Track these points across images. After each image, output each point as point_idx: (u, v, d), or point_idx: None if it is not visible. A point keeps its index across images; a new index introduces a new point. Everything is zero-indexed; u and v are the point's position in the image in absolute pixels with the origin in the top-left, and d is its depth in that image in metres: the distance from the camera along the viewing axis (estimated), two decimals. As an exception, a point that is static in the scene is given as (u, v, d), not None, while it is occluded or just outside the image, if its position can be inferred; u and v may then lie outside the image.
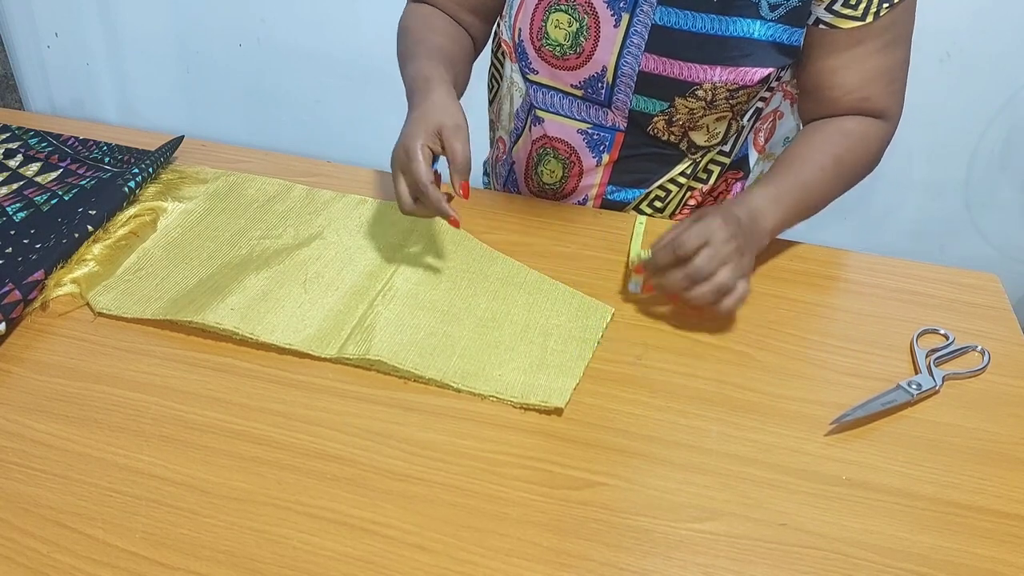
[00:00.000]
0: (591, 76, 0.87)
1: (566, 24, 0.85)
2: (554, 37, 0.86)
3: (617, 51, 0.84)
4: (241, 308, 0.76)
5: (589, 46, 0.85)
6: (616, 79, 0.86)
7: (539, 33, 0.87)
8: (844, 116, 0.87)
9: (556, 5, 0.85)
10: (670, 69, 0.83)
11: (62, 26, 1.97)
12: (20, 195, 0.91)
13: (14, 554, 0.57)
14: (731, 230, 0.75)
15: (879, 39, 0.82)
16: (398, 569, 0.57)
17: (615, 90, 0.87)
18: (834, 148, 0.85)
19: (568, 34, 0.85)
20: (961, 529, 0.61)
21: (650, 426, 0.68)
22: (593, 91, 0.88)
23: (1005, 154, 1.64)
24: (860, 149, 0.86)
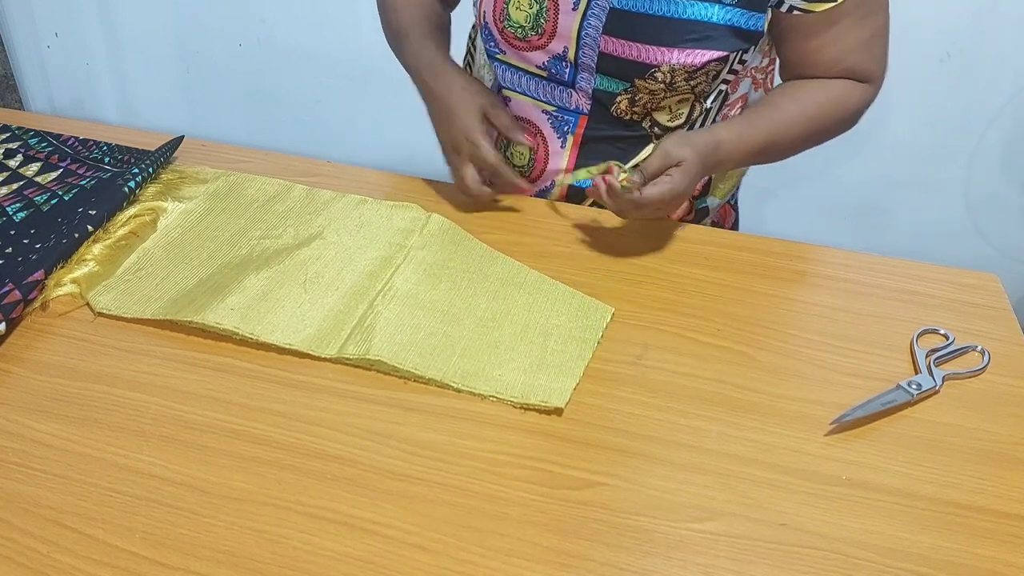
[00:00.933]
0: (554, 56, 0.89)
1: (527, 6, 0.87)
2: (516, 19, 0.88)
3: (576, 34, 0.86)
4: (241, 308, 0.76)
5: (549, 28, 0.87)
6: (578, 60, 0.88)
7: (501, 15, 0.89)
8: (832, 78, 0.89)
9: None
10: (628, 51, 0.85)
11: (62, 26, 1.97)
12: (20, 195, 0.91)
13: (14, 554, 0.57)
14: (689, 185, 0.81)
15: (854, 14, 0.83)
16: (398, 569, 0.57)
17: (578, 71, 0.89)
18: (811, 108, 0.88)
19: (529, 16, 0.87)
20: (961, 529, 0.61)
21: (650, 426, 0.68)
22: (557, 71, 0.90)
23: (1005, 154, 1.64)
24: (837, 110, 0.89)
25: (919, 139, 1.65)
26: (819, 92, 0.88)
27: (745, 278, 0.84)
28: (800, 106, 0.88)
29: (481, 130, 0.87)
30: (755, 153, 0.87)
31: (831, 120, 0.89)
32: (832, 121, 0.89)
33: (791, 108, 0.87)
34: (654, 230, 0.91)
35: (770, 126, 0.87)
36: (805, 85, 0.89)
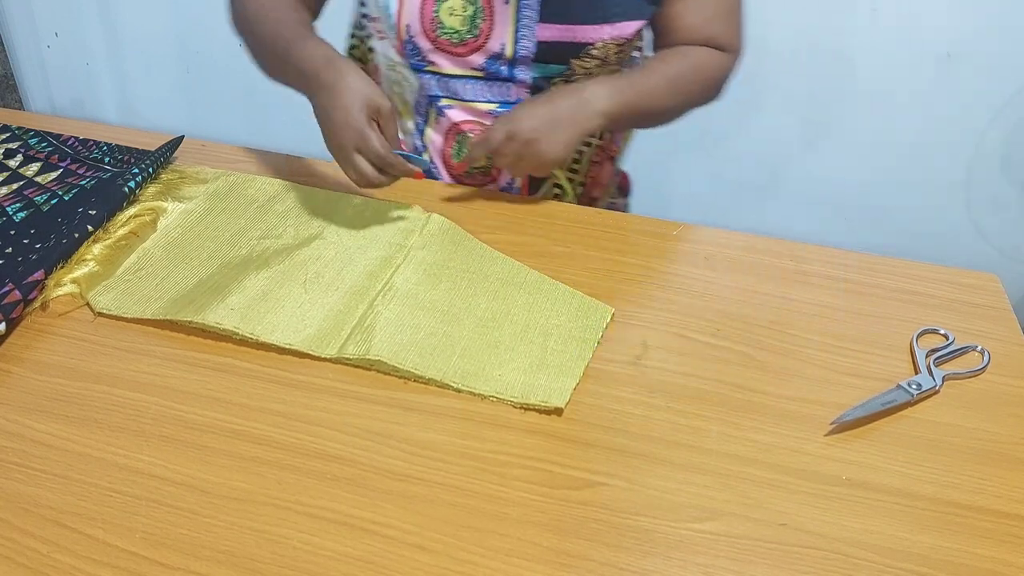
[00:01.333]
0: (492, 55, 0.90)
1: (461, 9, 0.87)
2: (450, 25, 0.88)
3: (513, 27, 0.87)
4: (241, 308, 0.76)
5: (486, 27, 0.88)
6: (516, 54, 0.89)
7: (433, 24, 0.89)
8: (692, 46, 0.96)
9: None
10: (564, 34, 0.88)
11: (62, 26, 1.97)
12: (20, 195, 0.91)
13: (14, 554, 0.57)
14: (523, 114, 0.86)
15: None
16: (398, 569, 0.57)
17: (515, 64, 0.90)
18: (674, 68, 0.94)
19: (464, 19, 0.88)
20: (961, 529, 0.61)
21: (650, 426, 0.68)
22: (495, 70, 0.91)
23: (1005, 154, 1.64)
24: (698, 73, 0.96)
25: (919, 139, 1.65)
26: (680, 57, 0.95)
27: (745, 278, 0.85)
28: (665, 67, 0.94)
29: (369, 121, 0.81)
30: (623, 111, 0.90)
31: (693, 83, 0.96)
32: (694, 84, 0.96)
33: (656, 69, 0.94)
34: (654, 230, 0.91)
35: (635, 86, 0.91)
36: (668, 52, 0.96)
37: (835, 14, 1.55)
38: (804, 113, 1.67)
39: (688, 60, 0.95)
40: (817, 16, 1.56)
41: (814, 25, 1.57)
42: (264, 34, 0.91)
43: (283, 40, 0.88)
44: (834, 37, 1.57)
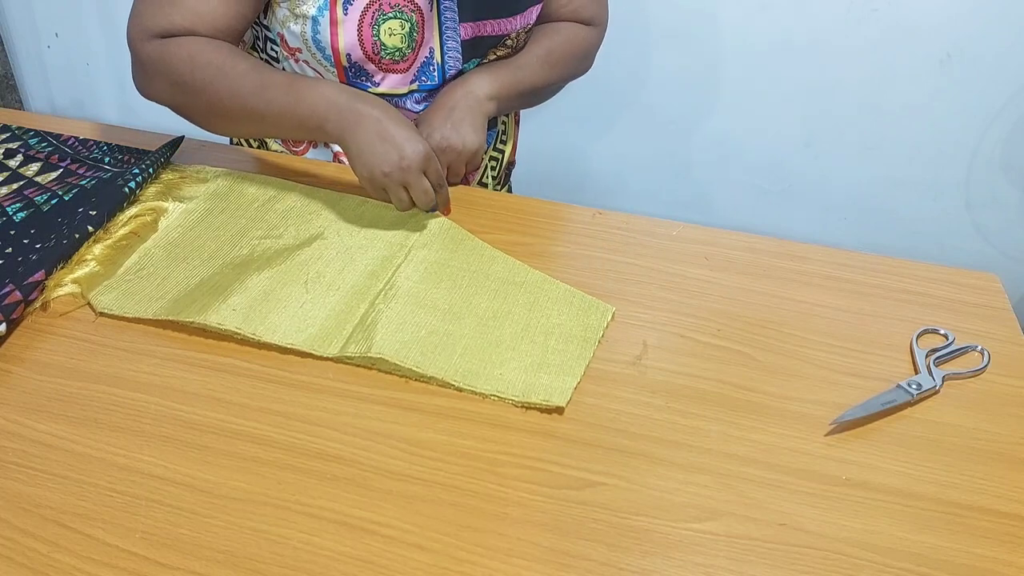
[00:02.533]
0: (423, 63, 0.93)
1: (399, 28, 0.89)
2: (392, 44, 0.89)
3: (437, 31, 0.91)
4: (243, 308, 0.76)
5: (420, 38, 0.91)
6: (444, 56, 0.93)
7: (375, 47, 0.89)
8: (560, 21, 1.03)
9: (383, 15, 0.88)
10: (484, 29, 0.93)
11: (62, 26, 1.97)
12: (20, 195, 0.91)
13: (14, 554, 0.57)
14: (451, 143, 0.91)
15: None
16: (398, 569, 0.57)
17: (446, 66, 0.94)
18: (545, 41, 1.01)
19: (403, 36, 0.89)
20: (961, 529, 0.61)
21: (650, 426, 0.68)
22: (427, 78, 0.94)
23: (1005, 154, 1.64)
24: (568, 45, 1.03)
25: (919, 139, 1.65)
26: (550, 34, 1.02)
27: (745, 278, 0.85)
28: (536, 46, 1.01)
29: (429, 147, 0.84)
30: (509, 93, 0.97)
31: (564, 57, 1.03)
32: (565, 58, 1.03)
33: (530, 48, 1.00)
34: (654, 230, 0.91)
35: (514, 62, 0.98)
36: (538, 31, 1.02)
37: (835, 14, 1.55)
38: (804, 113, 1.67)
39: (558, 36, 1.02)
40: (817, 16, 1.56)
41: (814, 25, 1.57)
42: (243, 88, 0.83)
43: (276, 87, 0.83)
44: (834, 37, 1.57)
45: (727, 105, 1.71)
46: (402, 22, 0.88)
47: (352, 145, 0.83)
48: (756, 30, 1.60)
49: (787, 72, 1.63)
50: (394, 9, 0.88)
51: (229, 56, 0.84)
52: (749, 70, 1.66)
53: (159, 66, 0.86)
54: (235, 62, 0.84)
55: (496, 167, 1.11)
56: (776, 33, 1.59)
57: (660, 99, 1.72)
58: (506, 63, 0.98)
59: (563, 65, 1.04)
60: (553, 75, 1.03)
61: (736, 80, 1.67)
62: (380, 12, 0.88)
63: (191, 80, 0.84)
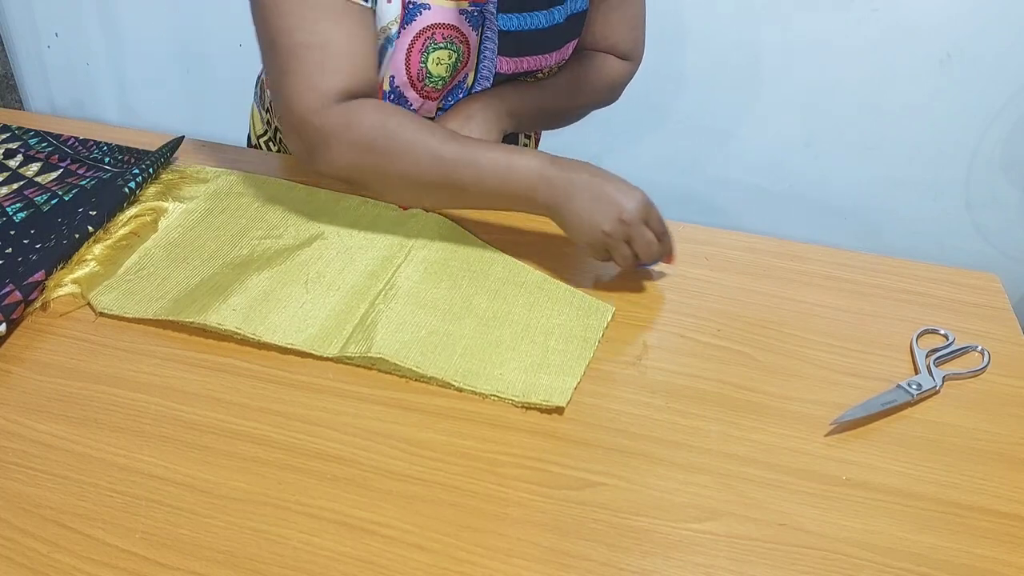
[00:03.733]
0: (452, 88, 0.92)
1: (447, 59, 0.88)
2: (437, 74, 0.89)
3: (475, 60, 0.90)
4: (243, 308, 0.76)
5: (462, 70, 0.91)
6: (475, 83, 0.93)
7: (420, 74, 0.88)
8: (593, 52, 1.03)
9: (434, 44, 0.86)
10: (519, 66, 0.93)
11: (62, 26, 1.97)
12: (20, 195, 0.91)
13: (14, 554, 0.57)
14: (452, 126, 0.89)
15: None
16: (398, 569, 0.57)
17: (472, 91, 0.94)
18: (577, 68, 1.01)
19: (449, 66, 0.89)
20: (961, 529, 0.61)
21: (650, 426, 0.68)
22: (453, 99, 0.94)
23: (1005, 154, 1.64)
24: (599, 75, 1.02)
25: (919, 139, 1.65)
26: (582, 63, 1.01)
27: (745, 278, 0.85)
28: (567, 72, 1.00)
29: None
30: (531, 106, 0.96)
31: (592, 87, 1.02)
32: (593, 88, 1.02)
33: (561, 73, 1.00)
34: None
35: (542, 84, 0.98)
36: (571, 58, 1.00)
37: (834, 15, 1.55)
38: (804, 113, 1.67)
39: (590, 65, 1.02)
40: (816, 16, 1.56)
41: (814, 26, 1.57)
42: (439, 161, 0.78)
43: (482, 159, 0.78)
44: (834, 37, 1.57)
45: (727, 105, 1.71)
46: (451, 53, 0.87)
47: (568, 215, 0.78)
48: (756, 30, 1.60)
49: (787, 72, 1.63)
50: (446, 40, 0.86)
51: (420, 123, 0.79)
52: (749, 70, 1.66)
53: (349, 134, 0.77)
54: (431, 130, 0.79)
55: None
56: (776, 33, 1.59)
57: (660, 99, 1.72)
58: (533, 83, 0.97)
59: (590, 94, 1.03)
60: (579, 102, 1.02)
61: (736, 80, 1.67)
62: (432, 41, 0.85)
63: (385, 147, 0.78)
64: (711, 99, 1.70)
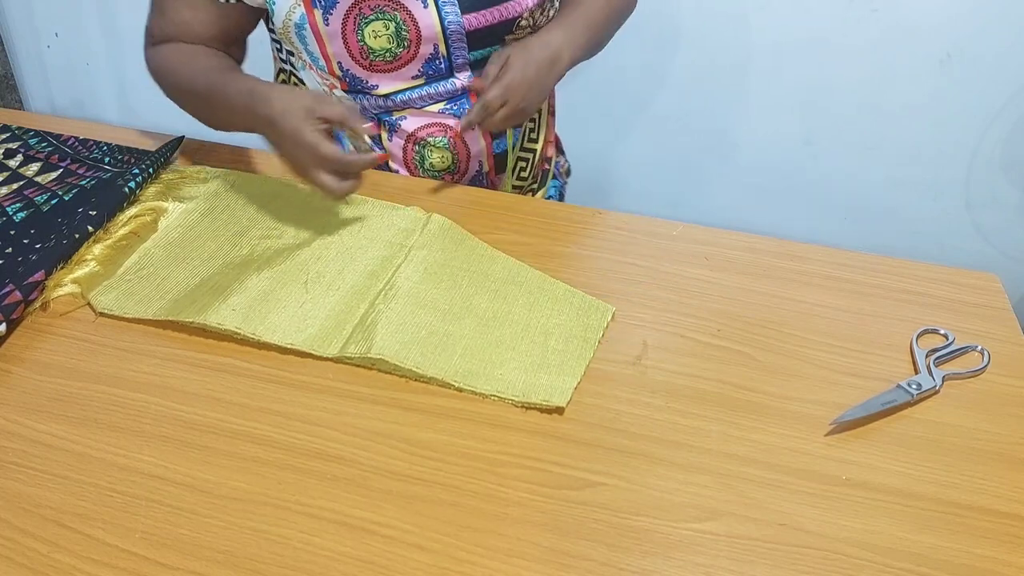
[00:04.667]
0: (427, 59, 0.91)
1: (383, 29, 0.87)
2: (378, 47, 0.88)
3: (439, 25, 0.88)
4: (243, 308, 0.76)
5: (413, 35, 0.89)
6: (449, 49, 0.91)
7: (362, 51, 0.89)
8: None
9: (364, 18, 0.87)
10: (491, 17, 0.90)
11: (62, 26, 1.96)
12: (20, 195, 0.91)
13: (14, 554, 0.57)
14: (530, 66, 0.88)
15: None
16: (398, 569, 0.57)
17: (452, 59, 0.92)
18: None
19: (390, 37, 0.88)
20: (961, 529, 0.61)
21: (650, 426, 0.68)
22: (434, 71, 0.92)
23: (1005, 154, 1.64)
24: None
25: (919, 139, 1.65)
26: None
27: (745, 278, 0.85)
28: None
29: (310, 130, 0.78)
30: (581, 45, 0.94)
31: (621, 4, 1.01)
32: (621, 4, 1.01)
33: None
34: (654, 230, 0.91)
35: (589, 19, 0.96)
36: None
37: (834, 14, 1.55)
38: (804, 113, 1.67)
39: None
40: (816, 16, 1.56)
41: (814, 25, 1.57)
42: (199, 93, 0.89)
43: (216, 92, 0.87)
44: (834, 37, 1.57)
45: (727, 104, 1.71)
46: (385, 22, 0.87)
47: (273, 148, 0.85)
48: (756, 29, 1.60)
49: (787, 72, 1.63)
50: (375, 11, 0.87)
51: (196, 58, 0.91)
52: (749, 70, 1.65)
53: (153, 70, 0.95)
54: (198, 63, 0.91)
55: (527, 166, 1.08)
56: (776, 33, 1.59)
57: (660, 98, 1.72)
58: (582, 21, 0.95)
59: (621, 12, 1.02)
60: (612, 27, 1.01)
61: (736, 79, 1.67)
62: (361, 16, 0.87)
63: (172, 81, 0.93)
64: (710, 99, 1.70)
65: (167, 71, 0.93)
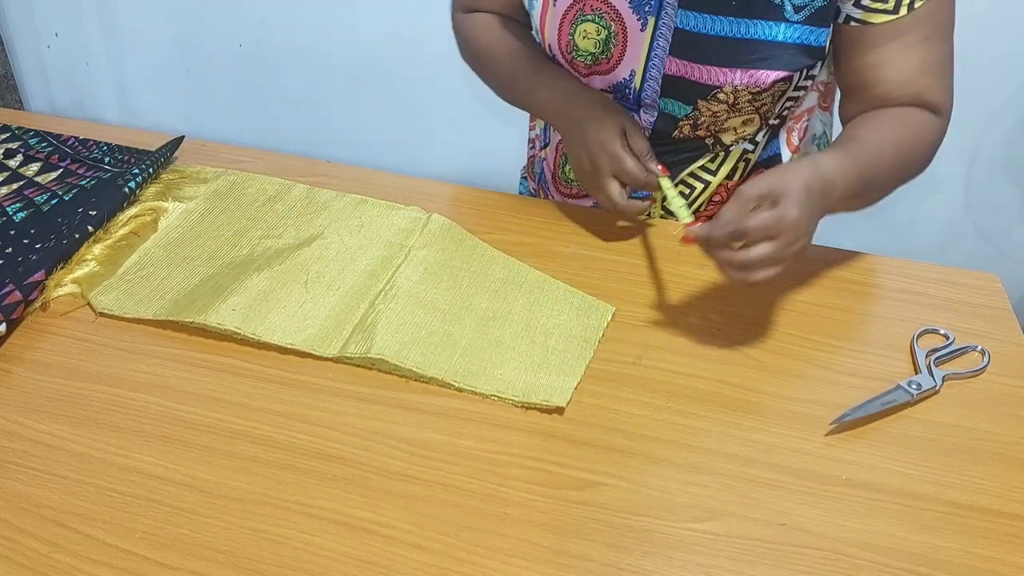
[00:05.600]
0: (619, 82, 0.88)
1: (594, 33, 0.85)
2: (584, 48, 0.87)
3: (645, 55, 0.84)
4: (243, 308, 0.76)
5: (618, 51, 0.86)
6: (644, 83, 0.86)
7: (568, 46, 0.88)
8: (904, 108, 0.81)
9: (582, 16, 0.85)
10: (691, 72, 0.83)
11: (62, 26, 1.96)
12: (20, 195, 0.91)
13: (14, 554, 0.57)
14: (803, 227, 0.68)
15: (919, 32, 0.78)
16: (398, 569, 0.57)
17: (643, 93, 0.87)
18: (895, 135, 0.79)
19: (597, 42, 0.86)
20: (961, 529, 0.61)
21: (650, 426, 0.68)
22: (621, 96, 0.89)
23: (1005, 154, 1.64)
24: (918, 140, 0.81)
25: (919, 139, 1.64)
26: (898, 120, 0.80)
27: (745, 278, 0.84)
28: (883, 135, 0.79)
29: (619, 144, 0.82)
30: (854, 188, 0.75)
31: (915, 152, 0.81)
32: (916, 154, 0.81)
33: (875, 138, 0.78)
34: (654, 230, 0.90)
35: (863, 157, 0.76)
36: (881, 114, 0.81)
37: (835, 14, 1.55)
38: (804, 113, 1.67)
39: (908, 127, 0.80)
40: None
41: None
42: (501, 73, 0.95)
43: (521, 80, 0.93)
44: (834, 37, 1.57)
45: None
46: (599, 27, 0.85)
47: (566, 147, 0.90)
48: (756, 30, 1.60)
49: (787, 72, 1.63)
50: (594, 12, 0.84)
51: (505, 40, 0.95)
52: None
53: (459, 37, 1.00)
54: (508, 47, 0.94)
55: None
56: (776, 33, 1.59)
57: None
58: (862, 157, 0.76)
59: (911, 164, 0.82)
60: (897, 177, 0.82)
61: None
62: (581, 12, 0.85)
63: (475, 54, 0.98)
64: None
65: (473, 45, 0.98)
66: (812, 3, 0.78)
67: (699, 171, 0.93)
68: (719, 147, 0.91)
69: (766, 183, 0.69)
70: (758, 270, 0.68)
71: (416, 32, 1.72)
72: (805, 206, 0.68)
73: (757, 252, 0.67)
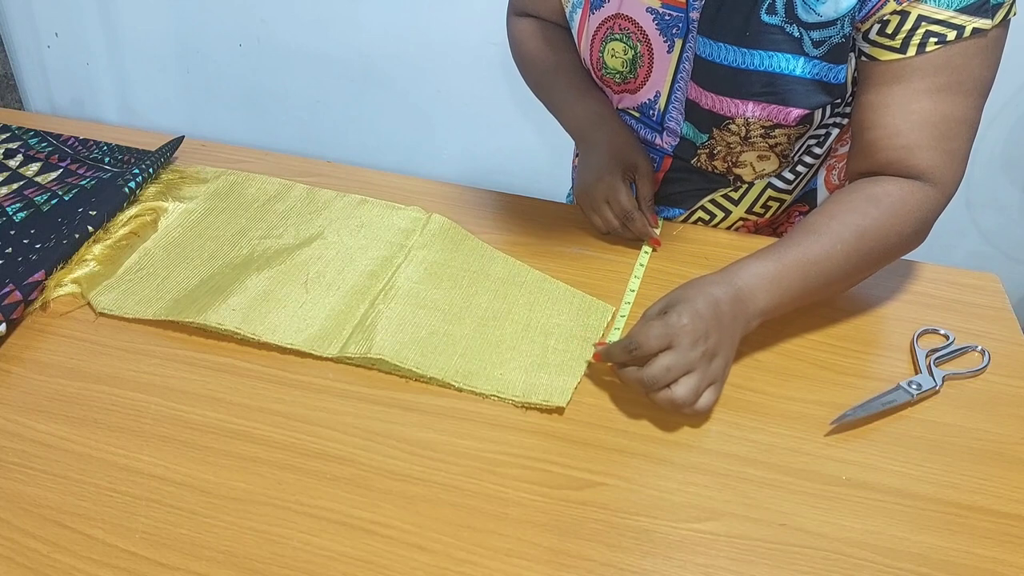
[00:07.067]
0: (645, 102, 0.89)
1: (622, 52, 0.86)
2: (612, 66, 0.88)
3: (671, 78, 0.85)
4: (243, 308, 0.76)
5: (644, 72, 0.87)
6: (668, 104, 0.87)
7: (598, 63, 0.89)
8: (880, 178, 0.75)
9: (611, 35, 0.86)
10: (706, 100, 0.83)
11: (62, 26, 1.97)
12: (20, 195, 0.91)
13: (14, 554, 0.57)
14: (700, 331, 0.65)
15: (929, 80, 0.71)
16: (398, 569, 0.57)
17: (667, 116, 0.88)
18: (859, 219, 0.72)
19: (625, 61, 0.87)
20: (961, 529, 0.61)
21: (650, 426, 0.68)
22: (646, 116, 0.91)
23: (1005, 154, 1.64)
24: (893, 221, 0.73)
25: (919, 139, 1.64)
26: (867, 201, 0.73)
27: (745, 278, 0.84)
28: (843, 220, 0.72)
29: (619, 176, 0.87)
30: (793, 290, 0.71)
31: (889, 234, 0.73)
32: (891, 236, 0.73)
33: (832, 226, 0.72)
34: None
35: (807, 255, 0.71)
36: (851, 191, 0.75)
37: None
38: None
39: (880, 209, 0.73)
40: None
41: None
42: (541, 82, 0.99)
43: (557, 91, 0.96)
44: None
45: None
46: (626, 47, 0.85)
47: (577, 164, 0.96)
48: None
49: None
50: (622, 32, 0.85)
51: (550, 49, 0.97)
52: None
53: (510, 39, 1.03)
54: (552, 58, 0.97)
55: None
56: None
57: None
58: (801, 254, 0.71)
59: (883, 249, 0.73)
60: (865, 265, 0.74)
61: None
62: (610, 31, 0.86)
63: (521, 59, 1.02)
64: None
65: (519, 49, 1.01)
66: (831, 38, 0.75)
67: (721, 199, 0.93)
68: (740, 183, 0.91)
69: (665, 298, 0.69)
70: (671, 383, 0.65)
71: (417, 32, 1.72)
72: (703, 312, 0.66)
73: (659, 362, 0.65)
